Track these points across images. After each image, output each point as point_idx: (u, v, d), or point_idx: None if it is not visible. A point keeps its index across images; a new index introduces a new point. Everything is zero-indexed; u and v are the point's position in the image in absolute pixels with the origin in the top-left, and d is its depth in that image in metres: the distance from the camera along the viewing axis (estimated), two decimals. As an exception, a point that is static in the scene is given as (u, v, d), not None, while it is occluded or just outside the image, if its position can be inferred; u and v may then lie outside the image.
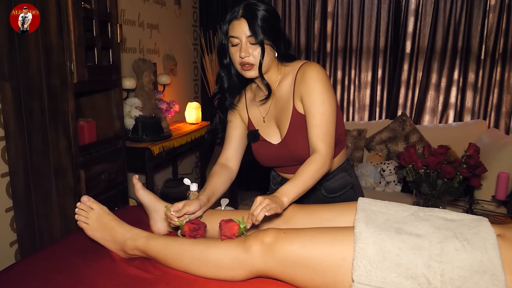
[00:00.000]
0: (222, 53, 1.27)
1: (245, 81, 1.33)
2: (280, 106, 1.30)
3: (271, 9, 1.20)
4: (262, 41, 1.17)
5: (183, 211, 1.14)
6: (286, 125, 1.29)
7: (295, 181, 1.13)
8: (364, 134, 3.27)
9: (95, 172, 1.85)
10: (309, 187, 1.15)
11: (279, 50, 1.23)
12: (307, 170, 1.15)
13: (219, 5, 3.66)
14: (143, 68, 2.62)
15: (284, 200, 1.08)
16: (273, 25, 1.19)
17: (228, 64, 1.28)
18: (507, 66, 3.12)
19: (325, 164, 1.16)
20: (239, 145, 1.39)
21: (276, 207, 1.03)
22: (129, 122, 2.46)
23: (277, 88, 1.30)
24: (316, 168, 1.15)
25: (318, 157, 1.16)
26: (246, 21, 1.16)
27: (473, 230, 0.92)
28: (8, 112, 1.75)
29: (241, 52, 1.18)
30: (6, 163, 1.83)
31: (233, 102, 1.36)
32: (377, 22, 3.38)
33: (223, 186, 1.31)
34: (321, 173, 1.17)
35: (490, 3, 3.11)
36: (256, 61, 1.19)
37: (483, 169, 1.97)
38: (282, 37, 1.24)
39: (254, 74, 1.22)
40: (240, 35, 1.18)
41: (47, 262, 1.10)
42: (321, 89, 1.20)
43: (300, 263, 0.95)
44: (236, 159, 1.38)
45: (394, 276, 0.87)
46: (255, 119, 1.37)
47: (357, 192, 1.43)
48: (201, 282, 1.02)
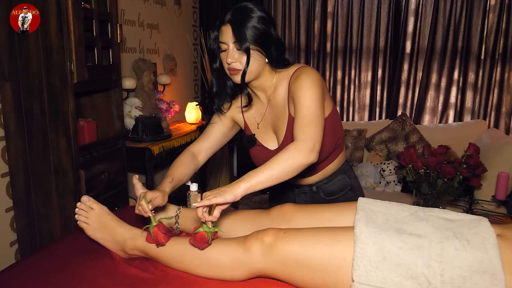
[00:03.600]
0: (212, 58, 1.24)
1: (237, 86, 1.29)
2: (276, 112, 1.28)
3: (260, 14, 1.15)
4: (247, 48, 1.14)
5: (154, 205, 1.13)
6: (283, 131, 1.26)
7: (261, 166, 1.06)
8: (364, 134, 3.27)
9: (95, 172, 1.85)
10: (278, 174, 1.04)
11: (269, 55, 1.18)
12: (276, 156, 1.06)
13: (219, 5, 3.66)
14: (143, 68, 2.62)
15: (240, 184, 1.01)
16: (262, 30, 1.14)
17: (218, 69, 1.25)
18: (507, 66, 3.12)
19: (300, 152, 1.06)
20: (216, 143, 1.37)
21: (220, 198, 0.98)
22: (129, 122, 2.46)
23: (272, 94, 1.27)
24: (287, 155, 1.05)
25: (292, 145, 1.08)
26: (231, 27, 1.14)
27: (473, 230, 0.92)
28: (8, 112, 1.75)
29: (228, 58, 1.16)
30: (6, 163, 1.83)
31: (221, 106, 1.33)
32: (377, 22, 3.38)
33: (186, 178, 1.30)
34: (296, 161, 1.05)
35: (490, 3, 3.11)
36: (243, 66, 1.16)
37: (483, 169, 1.98)
38: (274, 41, 1.18)
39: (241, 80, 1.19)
40: (227, 40, 1.15)
41: (47, 262, 1.10)
42: (309, 85, 1.15)
43: (300, 263, 0.95)
44: (207, 154, 1.36)
45: (394, 276, 0.87)
46: (250, 123, 1.35)
47: (357, 193, 1.40)
48: (201, 282, 1.02)
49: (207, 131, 1.37)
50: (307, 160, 1.06)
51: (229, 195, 0.99)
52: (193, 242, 1.03)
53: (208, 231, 1.03)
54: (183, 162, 1.29)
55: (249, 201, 3.45)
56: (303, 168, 1.08)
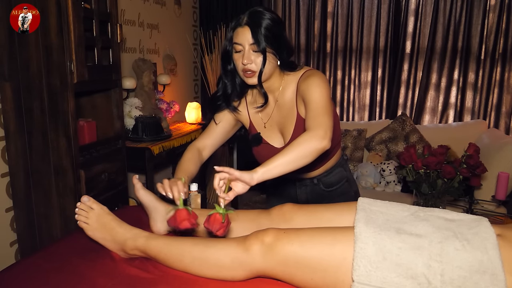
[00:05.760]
0: (226, 59, 1.29)
1: (247, 86, 1.36)
2: (283, 113, 1.33)
3: (275, 17, 1.22)
4: (264, 49, 1.19)
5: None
6: (290, 130, 1.31)
7: (277, 154, 1.09)
8: (364, 134, 3.27)
9: (95, 172, 1.85)
10: (293, 158, 1.07)
11: (281, 58, 1.25)
12: (291, 144, 1.10)
13: (219, 5, 3.66)
14: (143, 68, 2.62)
15: (257, 169, 1.04)
16: (277, 34, 1.21)
17: (232, 70, 1.30)
18: (507, 66, 3.12)
19: (312, 137, 1.09)
20: (220, 140, 1.42)
21: (237, 172, 1.00)
22: (129, 122, 2.46)
23: (280, 95, 1.33)
24: (301, 141, 1.08)
25: (305, 133, 1.12)
26: (250, 28, 1.19)
27: (473, 230, 0.92)
28: (8, 112, 1.75)
29: (244, 59, 1.21)
30: (6, 163, 1.83)
31: (235, 106, 1.39)
32: (377, 22, 3.38)
33: (194, 174, 1.34)
34: (310, 145, 1.08)
35: (490, 3, 3.11)
36: (257, 68, 1.22)
37: (483, 169, 1.98)
38: (285, 45, 1.26)
39: (256, 81, 1.24)
40: (243, 42, 1.20)
41: (47, 262, 1.10)
42: (319, 82, 1.22)
43: (300, 263, 0.95)
44: (211, 151, 1.41)
45: (394, 276, 0.87)
46: (256, 122, 1.40)
47: (352, 185, 1.49)
48: (201, 282, 1.02)
49: (211, 128, 1.41)
50: (320, 145, 1.09)
51: (246, 175, 1.02)
52: (207, 225, 1.02)
53: (223, 212, 1.02)
54: (190, 158, 1.34)
55: (249, 201, 3.45)
56: (317, 154, 1.10)
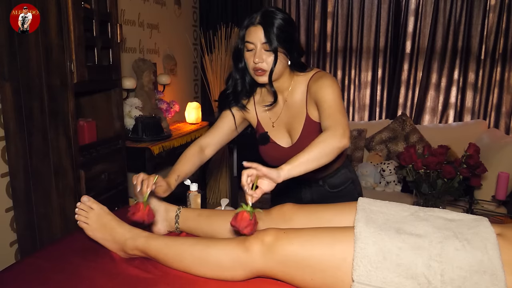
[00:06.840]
0: (238, 57, 1.30)
1: (257, 85, 1.36)
2: (292, 113, 1.34)
3: (288, 18, 1.24)
4: (276, 49, 1.20)
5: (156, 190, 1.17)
6: (298, 131, 1.32)
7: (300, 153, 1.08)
8: (364, 134, 3.27)
9: (95, 172, 1.85)
10: (315, 155, 1.06)
11: (292, 58, 1.26)
12: (312, 142, 1.09)
13: (219, 5, 3.66)
14: (143, 68, 2.62)
15: (282, 167, 1.03)
16: (288, 34, 1.22)
17: (243, 68, 1.31)
18: (507, 66, 3.12)
19: (332, 136, 1.09)
20: (225, 138, 1.42)
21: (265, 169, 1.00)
22: (129, 122, 2.46)
23: (289, 95, 1.34)
24: (321, 139, 1.08)
25: (324, 132, 1.12)
26: (262, 28, 1.20)
27: (473, 230, 0.92)
28: (8, 112, 1.75)
29: (255, 58, 1.22)
30: (6, 163, 1.83)
31: (243, 104, 1.39)
32: (377, 22, 3.38)
33: (191, 173, 1.34)
34: (330, 144, 1.08)
35: (490, 3, 3.11)
36: (268, 67, 1.23)
37: (483, 169, 1.98)
38: (296, 46, 1.27)
39: (266, 80, 1.25)
40: (255, 41, 1.22)
41: (47, 262, 1.10)
42: (331, 83, 1.23)
43: (300, 263, 0.95)
44: (214, 149, 1.41)
45: (394, 276, 0.87)
46: (264, 121, 1.40)
47: (356, 186, 1.50)
48: (201, 282, 1.02)
49: (216, 126, 1.42)
50: (340, 144, 1.09)
51: (274, 172, 1.01)
52: (234, 223, 0.99)
53: (250, 210, 1.00)
54: (190, 157, 1.33)
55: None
56: (337, 152, 1.10)
